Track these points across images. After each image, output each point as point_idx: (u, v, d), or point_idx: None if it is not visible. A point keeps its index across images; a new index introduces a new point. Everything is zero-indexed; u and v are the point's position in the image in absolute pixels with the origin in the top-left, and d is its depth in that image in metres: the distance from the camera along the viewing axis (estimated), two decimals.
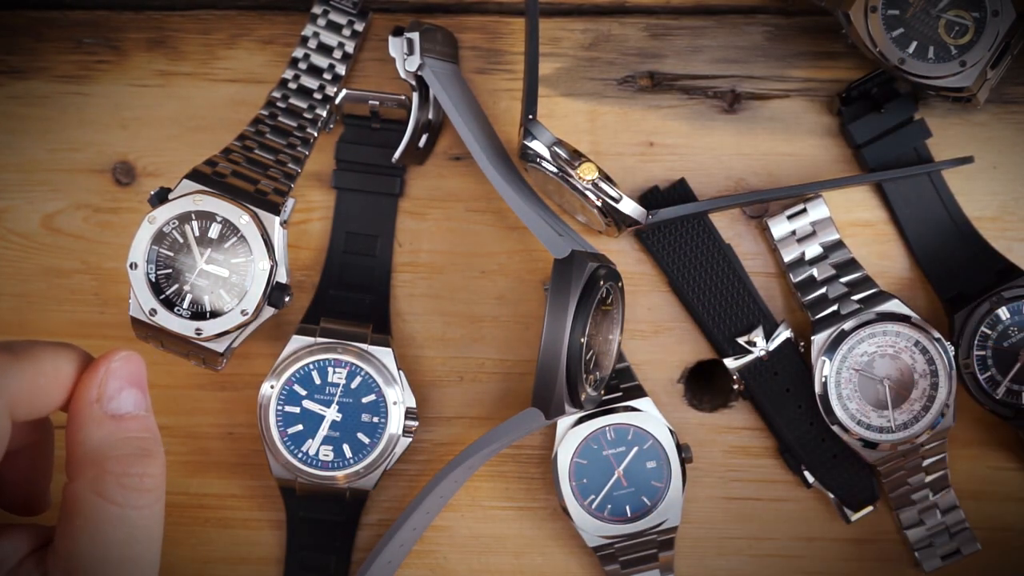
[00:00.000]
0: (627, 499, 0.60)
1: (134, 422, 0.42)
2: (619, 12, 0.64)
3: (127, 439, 0.41)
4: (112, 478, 0.40)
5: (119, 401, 0.42)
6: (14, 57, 0.63)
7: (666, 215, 0.59)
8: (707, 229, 0.62)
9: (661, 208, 0.59)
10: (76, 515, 0.40)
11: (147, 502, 0.41)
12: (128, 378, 0.42)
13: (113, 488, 0.40)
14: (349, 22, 0.62)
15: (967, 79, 0.58)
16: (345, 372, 0.59)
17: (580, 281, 0.53)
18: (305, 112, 0.61)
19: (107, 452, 0.41)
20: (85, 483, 0.40)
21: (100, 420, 0.41)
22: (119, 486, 0.40)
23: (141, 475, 0.41)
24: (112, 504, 0.40)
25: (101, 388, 0.42)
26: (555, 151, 0.57)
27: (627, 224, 0.58)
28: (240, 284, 0.56)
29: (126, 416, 0.42)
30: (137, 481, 0.41)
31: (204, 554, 0.63)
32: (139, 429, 0.42)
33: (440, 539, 0.63)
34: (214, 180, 0.57)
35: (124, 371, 0.42)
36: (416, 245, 0.64)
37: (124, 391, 0.42)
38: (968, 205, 0.63)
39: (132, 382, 0.42)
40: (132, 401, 0.42)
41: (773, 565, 0.63)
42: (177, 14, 0.64)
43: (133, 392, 0.42)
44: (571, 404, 0.54)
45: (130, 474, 0.41)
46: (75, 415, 0.41)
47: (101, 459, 0.41)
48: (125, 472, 0.40)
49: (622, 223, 0.59)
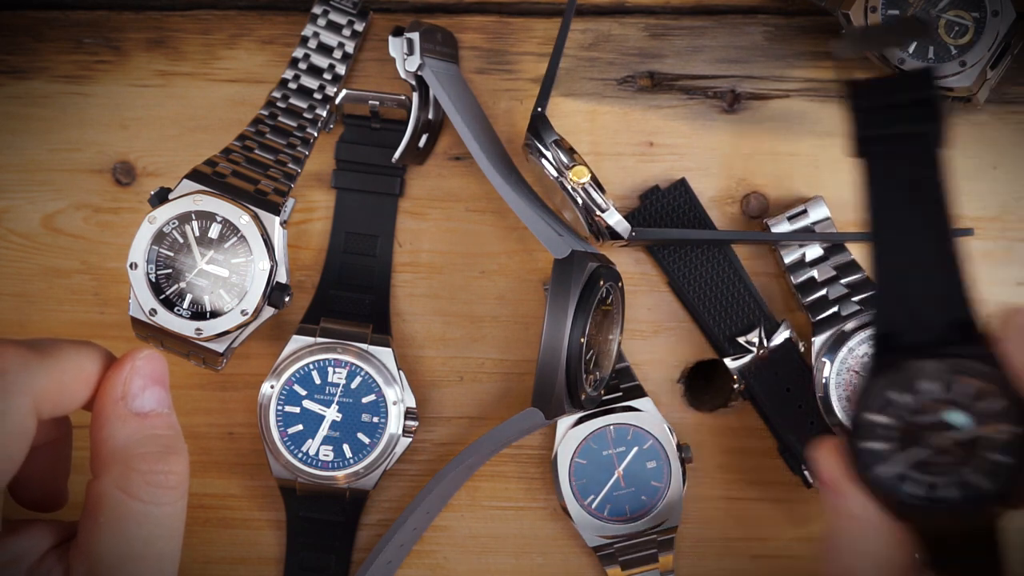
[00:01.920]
0: (627, 499, 0.60)
1: (158, 419, 0.42)
2: (619, 12, 0.64)
3: (152, 436, 0.42)
4: (137, 475, 0.41)
5: (143, 399, 0.42)
6: (14, 57, 0.64)
7: (649, 236, 0.60)
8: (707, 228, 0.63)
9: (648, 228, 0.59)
10: (100, 511, 0.40)
11: (171, 499, 0.41)
12: (152, 376, 0.43)
13: (138, 485, 0.41)
14: (349, 22, 0.62)
15: (967, 79, 0.58)
16: (345, 372, 0.59)
17: (580, 281, 0.53)
18: (305, 112, 0.61)
19: (132, 449, 0.41)
20: (110, 480, 0.41)
21: (125, 418, 0.42)
22: (144, 483, 0.41)
23: (166, 472, 0.41)
24: (137, 501, 0.40)
25: (125, 386, 0.42)
26: (553, 148, 0.57)
27: (610, 236, 0.58)
28: (240, 284, 0.56)
29: (150, 414, 0.42)
30: (162, 479, 0.41)
31: (204, 554, 0.63)
32: (163, 427, 0.42)
33: (440, 539, 0.63)
34: (214, 180, 0.57)
35: (147, 369, 0.43)
36: (416, 245, 0.64)
37: (148, 389, 0.43)
38: (968, 205, 0.63)
39: (155, 380, 0.43)
40: (156, 399, 0.43)
41: (773, 565, 0.63)
42: (177, 14, 0.64)
43: (156, 390, 0.43)
44: (571, 404, 0.54)
45: (156, 471, 0.41)
46: (100, 413, 0.42)
47: (126, 456, 0.41)
48: (150, 469, 0.41)
49: (604, 234, 0.58)
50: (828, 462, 0.43)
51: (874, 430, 0.41)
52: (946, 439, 0.41)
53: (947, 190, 0.43)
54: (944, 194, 0.43)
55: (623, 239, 0.58)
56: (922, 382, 0.41)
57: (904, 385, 0.41)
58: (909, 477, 0.41)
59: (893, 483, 0.41)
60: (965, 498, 0.40)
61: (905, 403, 0.41)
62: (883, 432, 0.41)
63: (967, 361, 0.40)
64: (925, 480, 0.41)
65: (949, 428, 0.41)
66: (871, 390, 0.42)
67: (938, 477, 0.41)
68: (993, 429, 0.40)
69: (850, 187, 0.63)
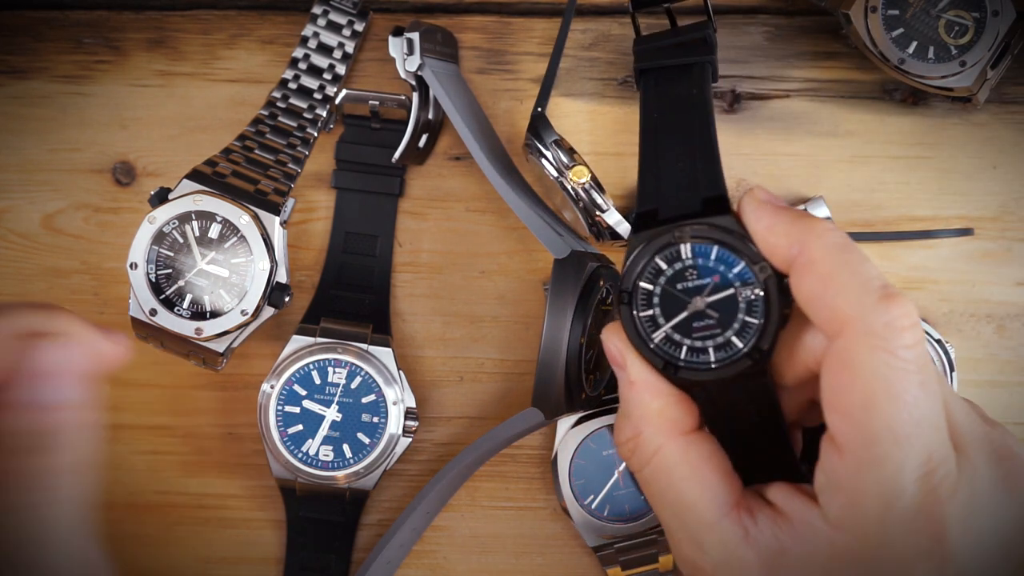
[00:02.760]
0: (627, 499, 0.60)
1: None
2: (619, 12, 0.64)
3: None
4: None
5: None
6: (14, 57, 0.64)
7: None
8: None
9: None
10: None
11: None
12: None
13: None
14: (349, 22, 0.62)
15: (967, 79, 0.58)
16: (345, 372, 0.59)
17: (580, 281, 0.53)
18: (305, 112, 0.61)
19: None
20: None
21: None
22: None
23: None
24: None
25: None
26: (553, 148, 0.57)
27: (610, 236, 0.58)
28: (240, 284, 0.56)
29: None
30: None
31: (204, 554, 0.63)
32: None
33: (440, 539, 0.63)
34: (214, 180, 0.57)
35: None
36: (416, 245, 0.64)
37: None
38: (968, 205, 0.63)
39: None
40: None
41: None
42: (177, 14, 0.64)
43: None
44: (571, 404, 0.54)
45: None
46: None
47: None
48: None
49: (604, 234, 0.58)
50: (610, 339, 0.46)
51: (646, 298, 0.46)
52: (703, 303, 0.45)
53: (710, 102, 0.50)
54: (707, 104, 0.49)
55: (623, 239, 0.58)
56: (679, 249, 0.45)
57: (665, 254, 0.45)
58: (675, 341, 0.45)
59: (665, 348, 0.45)
60: (721, 358, 0.44)
61: (667, 271, 0.45)
62: (653, 300, 0.46)
63: (715, 230, 0.45)
64: (692, 345, 0.45)
65: (704, 292, 0.45)
66: (638, 260, 0.45)
67: (703, 342, 0.45)
68: (741, 291, 0.44)
69: (850, 188, 0.63)
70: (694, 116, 0.49)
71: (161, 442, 0.63)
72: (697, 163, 0.47)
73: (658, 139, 0.49)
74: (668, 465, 0.44)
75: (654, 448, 0.45)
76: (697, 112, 0.49)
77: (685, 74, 0.52)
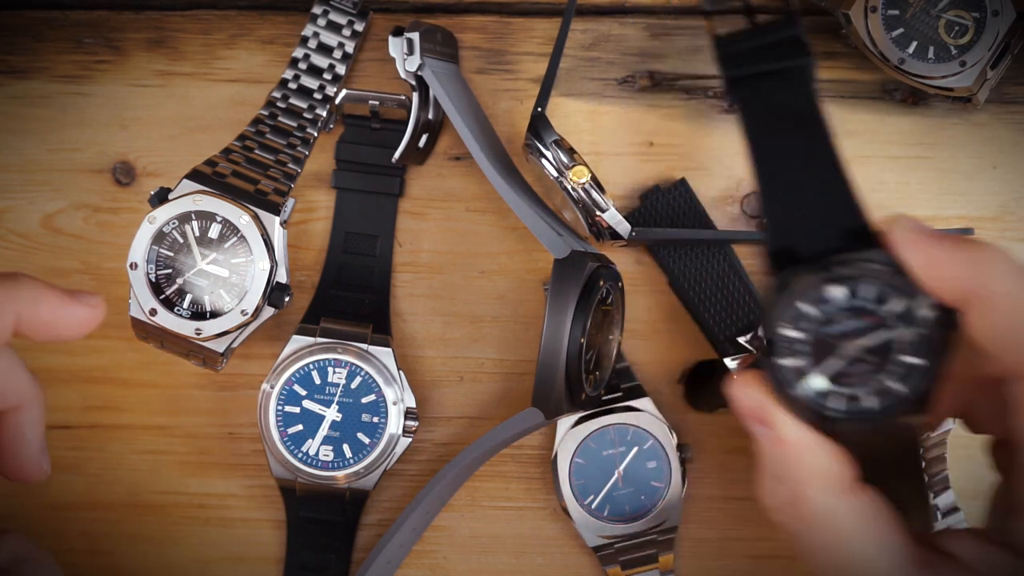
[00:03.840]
0: (627, 499, 0.60)
1: None
2: (619, 12, 0.64)
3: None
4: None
5: None
6: (14, 57, 0.64)
7: (649, 236, 0.59)
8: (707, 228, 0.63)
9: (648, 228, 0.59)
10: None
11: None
12: None
13: None
14: (349, 22, 0.62)
15: (967, 79, 0.58)
16: (345, 372, 0.59)
17: (580, 281, 0.53)
18: (305, 112, 0.61)
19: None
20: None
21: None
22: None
23: None
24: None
25: None
26: (553, 148, 0.57)
27: (610, 236, 0.58)
28: (240, 284, 0.56)
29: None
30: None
31: (204, 554, 0.63)
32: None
33: (440, 539, 0.63)
34: (214, 180, 0.57)
35: None
36: (416, 245, 0.64)
37: None
38: (968, 205, 0.63)
39: None
40: None
41: (773, 565, 0.63)
42: (177, 14, 0.64)
43: None
44: (571, 404, 0.54)
45: None
46: None
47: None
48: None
49: (604, 234, 0.58)
50: (746, 393, 0.42)
51: (789, 346, 0.41)
52: (857, 347, 0.40)
53: (822, 112, 0.44)
54: (819, 115, 0.44)
55: (623, 239, 0.58)
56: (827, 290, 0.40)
57: (811, 296, 0.40)
58: (830, 391, 0.40)
59: (816, 399, 0.41)
60: (884, 406, 0.40)
61: (814, 315, 0.41)
62: (798, 347, 0.41)
63: (866, 264, 0.40)
64: (845, 392, 0.40)
65: (859, 335, 0.40)
66: (780, 304, 0.41)
67: (857, 388, 0.40)
68: (901, 331, 0.40)
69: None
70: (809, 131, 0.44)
71: (161, 442, 0.63)
72: (826, 187, 0.42)
73: (773, 162, 0.43)
74: (838, 524, 0.42)
75: (823, 509, 0.42)
76: (810, 126, 0.44)
77: (786, 81, 0.45)
